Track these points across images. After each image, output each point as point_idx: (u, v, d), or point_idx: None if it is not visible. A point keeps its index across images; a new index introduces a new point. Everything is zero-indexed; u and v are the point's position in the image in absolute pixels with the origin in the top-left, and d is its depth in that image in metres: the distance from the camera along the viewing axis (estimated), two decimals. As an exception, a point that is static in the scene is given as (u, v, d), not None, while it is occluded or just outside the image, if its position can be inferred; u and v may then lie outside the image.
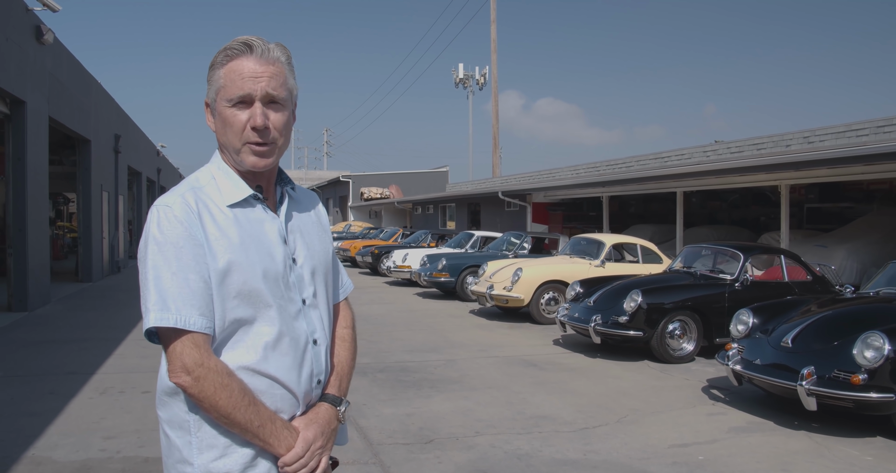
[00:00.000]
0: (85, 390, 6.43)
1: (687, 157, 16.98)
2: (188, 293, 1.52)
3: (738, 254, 8.62)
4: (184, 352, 1.51)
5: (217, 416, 1.54)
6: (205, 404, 1.53)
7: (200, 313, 1.53)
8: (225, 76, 1.63)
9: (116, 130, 19.87)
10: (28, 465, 4.52)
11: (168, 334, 1.53)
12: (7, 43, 10.29)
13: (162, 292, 1.51)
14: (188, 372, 1.51)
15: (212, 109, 1.70)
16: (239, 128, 1.62)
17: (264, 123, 1.62)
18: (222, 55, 1.65)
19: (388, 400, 6.24)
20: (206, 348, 1.54)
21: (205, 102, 1.72)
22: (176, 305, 1.51)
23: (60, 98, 13.56)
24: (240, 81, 1.61)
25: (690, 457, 4.83)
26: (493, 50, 31.85)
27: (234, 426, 1.55)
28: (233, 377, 1.55)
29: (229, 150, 1.66)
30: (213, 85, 1.66)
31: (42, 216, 12.50)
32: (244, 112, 1.62)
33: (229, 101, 1.62)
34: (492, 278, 11.64)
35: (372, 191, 42.83)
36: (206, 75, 1.70)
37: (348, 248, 23.77)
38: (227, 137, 1.65)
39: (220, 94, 1.64)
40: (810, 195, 16.09)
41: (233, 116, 1.62)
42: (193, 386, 1.51)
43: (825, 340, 5.70)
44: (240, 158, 1.65)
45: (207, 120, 1.73)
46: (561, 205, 21.23)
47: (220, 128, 1.66)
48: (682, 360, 8.05)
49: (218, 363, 1.54)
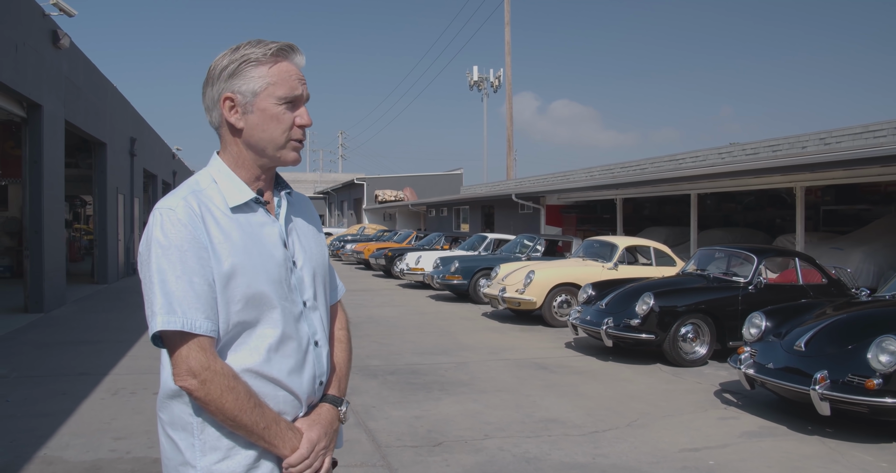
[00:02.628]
0: (97, 391, 6.47)
1: (701, 159, 16.88)
2: (193, 297, 1.52)
3: (752, 256, 8.54)
4: (190, 356, 1.51)
5: (223, 419, 1.54)
6: (211, 407, 1.53)
7: (206, 316, 1.53)
8: (276, 74, 1.64)
9: (132, 133, 20.03)
10: (39, 465, 4.55)
11: (174, 337, 1.53)
12: (24, 48, 10.40)
13: (168, 296, 1.51)
14: (194, 376, 1.51)
15: (241, 105, 1.64)
16: (288, 125, 1.66)
17: (311, 122, 1.70)
18: (264, 53, 1.63)
19: (397, 403, 6.24)
20: (211, 351, 1.54)
21: (225, 97, 1.64)
22: (182, 308, 1.51)
23: (76, 102, 13.70)
24: (292, 81, 1.65)
25: (701, 462, 4.78)
26: (508, 52, 31.86)
27: (240, 428, 1.55)
28: (238, 380, 1.55)
29: (268, 147, 1.66)
30: (254, 81, 1.62)
31: (58, 219, 12.62)
32: (290, 112, 1.67)
33: (281, 99, 1.64)
34: (504, 281, 11.61)
35: (386, 193, 42.96)
36: (231, 69, 1.63)
37: (362, 250, 23.80)
38: (268, 134, 1.65)
39: (267, 90, 1.62)
40: (826, 197, 15.94)
41: (283, 113, 1.65)
42: (200, 389, 1.51)
43: (839, 344, 5.63)
44: (280, 154, 1.68)
45: (227, 115, 1.65)
46: (575, 207, 21.17)
47: (259, 124, 1.64)
48: (695, 363, 7.98)
49: (224, 366, 1.54)
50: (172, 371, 1.56)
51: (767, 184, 12.58)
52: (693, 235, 14.44)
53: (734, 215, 19.19)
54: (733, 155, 15.96)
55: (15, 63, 10.06)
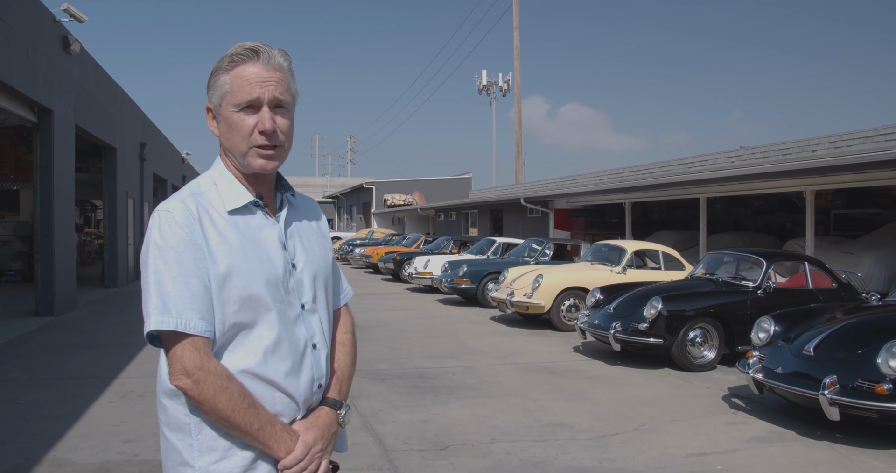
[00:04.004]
0: (106, 393, 6.51)
1: (711, 162, 16.81)
2: (188, 297, 1.54)
3: (761, 261, 8.50)
4: (184, 355, 1.53)
5: (217, 419, 1.55)
6: (205, 406, 1.54)
7: (201, 316, 1.55)
8: (231, 81, 1.65)
9: (142, 137, 20.15)
10: (49, 467, 4.58)
11: (169, 337, 1.55)
12: (35, 53, 10.49)
13: (163, 296, 1.53)
14: (188, 375, 1.53)
15: (215, 114, 1.72)
16: (247, 132, 1.64)
17: (273, 126, 1.65)
18: (227, 61, 1.66)
19: (405, 406, 6.24)
20: (206, 351, 1.55)
21: (206, 108, 1.74)
22: (177, 308, 1.53)
23: (87, 107, 13.79)
24: (248, 85, 1.63)
25: (708, 467, 4.76)
26: (516, 56, 31.87)
27: (234, 428, 1.56)
28: (232, 381, 1.56)
29: (235, 154, 1.68)
30: (218, 90, 1.68)
31: (68, 223, 12.70)
32: (251, 116, 1.64)
33: (237, 105, 1.64)
34: (512, 285, 11.60)
35: (395, 198, 43.00)
36: (208, 81, 1.71)
37: (371, 254, 23.83)
38: (233, 141, 1.67)
39: (226, 98, 1.66)
40: (837, 201, 15.85)
41: (240, 120, 1.65)
42: (193, 389, 1.53)
43: (848, 348, 5.60)
44: (246, 162, 1.67)
45: (209, 125, 1.75)
46: (583, 211, 21.14)
47: (225, 132, 1.69)
48: (704, 368, 7.95)
49: (218, 367, 1.56)
50: (168, 371, 1.58)
51: (777, 188, 12.52)
52: (702, 239, 14.39)
53: (744, 220, 19.11)
54: (743, 159, 15.89)
55: (26, 69, 10.15)
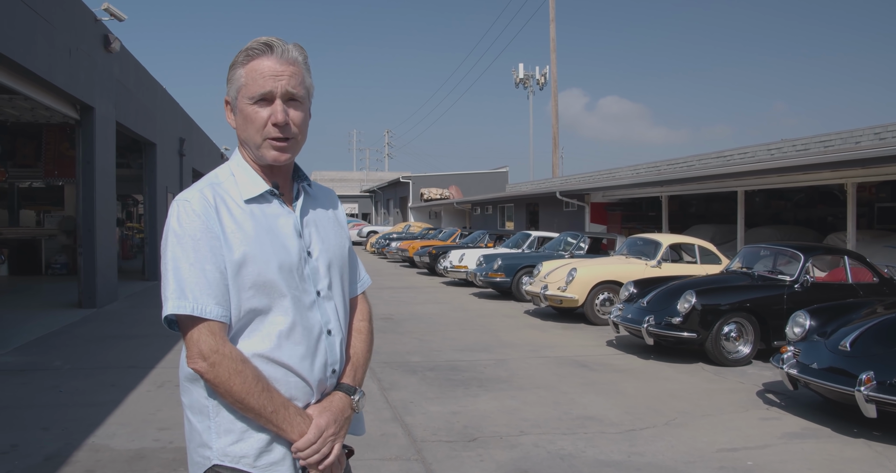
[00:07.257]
0: (144, 383, 6.68)
1: (750, 155, 16.51)
2: (205, 283, 1.60)
3: (799, 255, 8.34)
4: (200, 339, 1.59)
5: (232, 401, 1.60)
6: (220, 389, 1.60)
7: (216, 302, 1.60)
8: (246, 75, 1.70)
9: (181, 133, 20.53)
10: (88, 452, 4.73)
11: (186, 321, 1.61)
12: (77, 52, 10.76)
13: (180, 282, 1.59)
14: (204, 358, 1.58)
15: (232, 107, 1.77)
16: (260, 124, 1.70)
17: (285, 119, 1.69)
18: (243, 55, 1.72)
19: (435, 398, 6.28)
20: (221, 335, 1.61)
21: (225, 101, 1.81)
22: (193, 294, 1.59)
23: (127, 104, 14.10)
24: (261, 79, 1.68)
25: (739, 462, 4.70)
26: (553, 49, 31.65)
27: (249, 411, 1.61)
28: (247, 364, 1.61)
29: (250, 145, 1.74)
30: (234, 83, 1.74)
31: (110, 217, 13.02)
32: (265, 109, 1.70)
33: (251, 98, 1.69)
34: (546, 279, 11.57)
35: (432, 192, 43.05)
36: (228, 74, 1.77)
37: (406, 248, 23.93)
38: (248, 133, 1.72)
39: (241, 92, 1.71)
40: (881, 194, 15.45)
41: (254, 112, 1.70)
42: (209, 371, 1.58)
43: (886, 344, 5.47)
44: (260, 153, 1.72)
45: (227, 117, 1.81)
46: (619, 205, 20.93)
47: (241, 124, 1.74)
48: (738, 363, 7.84)
49: (232, 350, 1.61)
50: (185, 354, 1.64)
51: (817, 180, 12.24)
52: (740, 232, 14.14)
53: (783, 213, 18.73)
54: (783, 151, 15.57)
55: (69, 68, 10.41)
